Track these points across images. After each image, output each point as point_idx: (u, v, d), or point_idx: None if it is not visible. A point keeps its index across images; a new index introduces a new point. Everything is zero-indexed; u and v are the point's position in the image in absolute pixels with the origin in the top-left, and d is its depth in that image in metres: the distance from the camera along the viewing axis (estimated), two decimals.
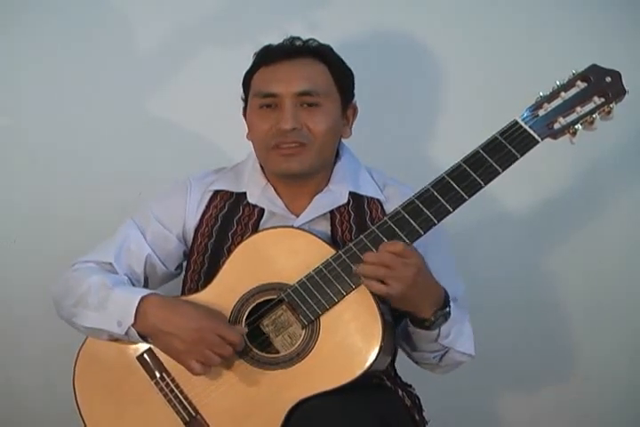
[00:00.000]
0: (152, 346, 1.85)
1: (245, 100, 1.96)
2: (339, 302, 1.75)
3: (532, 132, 1.71)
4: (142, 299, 1.79)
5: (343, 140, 2.01)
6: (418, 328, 1.81)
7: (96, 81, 2.45)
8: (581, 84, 1.73)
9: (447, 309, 1.79)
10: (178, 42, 2.42)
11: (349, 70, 1.96)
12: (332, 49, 1.96)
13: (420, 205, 1.73)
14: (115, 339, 1.85)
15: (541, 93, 1.74)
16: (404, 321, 1.85)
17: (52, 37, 2.45)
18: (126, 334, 1.81)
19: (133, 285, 1.92)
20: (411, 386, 2.02)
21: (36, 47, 2.44)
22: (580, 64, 1.75)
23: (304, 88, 1.86)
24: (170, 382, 1.84)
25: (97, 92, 2.45)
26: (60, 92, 2.46)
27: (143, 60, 2.44)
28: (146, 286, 1.97)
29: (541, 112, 1.73)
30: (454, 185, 1.72)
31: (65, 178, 2.47)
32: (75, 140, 2.46)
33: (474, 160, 1.72)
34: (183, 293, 1.97)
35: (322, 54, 1.92)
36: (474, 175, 1.71)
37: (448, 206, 1.73)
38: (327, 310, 1.76)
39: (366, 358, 1.73)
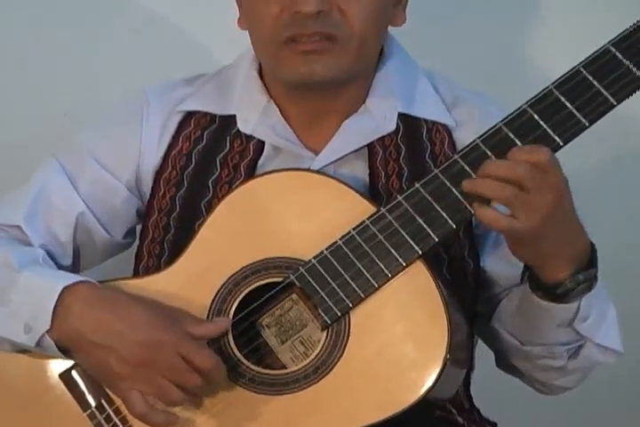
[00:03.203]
0: None
1: None
2: (380, 288, 1.40)
3: None
4: (65, 289, 1.43)
5: (392, 31, 1.59)
6: (544, 299, 1.42)
7: None
8: None
9: (594, 269, 1.39)
10: None
11: None
12: None
13: (511, 135, 1.37)
14: (23, 349, 1.50)
15: None
16: (512, 293, 1.52)
17: None
18: (38, 344, 1.44)
19: (56, 263, 1.57)
20: (496, 425, 1.64)
21: None
22: None
23: None
24: (112, 414, 1.47)
25: None
26: None
27: None
28: (76, 262, 1.62)
29: None
30: (567, 104, 1.36)
31: None
32: None
33: (600, 64, 1.36)
34: (137, 273, 1.62)
35: None
36: (598, 87, 1.36)
37: (556, 138, 1.35)
38: (362, 300, 1.41)
39: (423, 377, 1.39)
